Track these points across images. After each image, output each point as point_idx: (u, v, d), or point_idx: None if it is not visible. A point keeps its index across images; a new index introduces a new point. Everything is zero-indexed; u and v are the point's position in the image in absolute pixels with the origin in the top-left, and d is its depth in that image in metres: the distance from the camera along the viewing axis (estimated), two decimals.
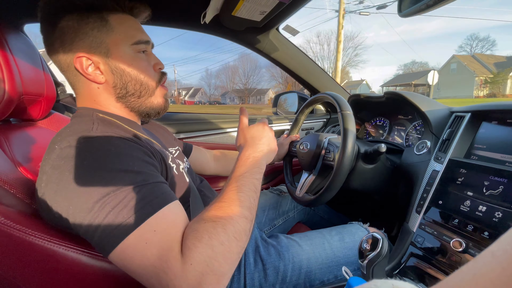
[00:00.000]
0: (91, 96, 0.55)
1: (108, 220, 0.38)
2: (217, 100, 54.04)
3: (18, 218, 0.41)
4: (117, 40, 0.53)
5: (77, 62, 0.51)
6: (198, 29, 1.10)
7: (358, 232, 0.74)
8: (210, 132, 1.26)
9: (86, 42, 0.51)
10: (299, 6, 0.93)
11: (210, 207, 0.46)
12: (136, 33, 0.56)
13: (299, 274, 0.63)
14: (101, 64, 0.52)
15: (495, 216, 0.53)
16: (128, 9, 0.56)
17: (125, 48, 0.54)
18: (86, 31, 0.50)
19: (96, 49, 0.51)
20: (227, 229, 0.42)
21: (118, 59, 0.53)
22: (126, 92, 0.56)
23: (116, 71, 0.54)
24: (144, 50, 0.58)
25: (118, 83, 0.55)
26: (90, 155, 0.42)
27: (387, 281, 0.19)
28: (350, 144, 0.64)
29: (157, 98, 0.60)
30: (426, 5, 0.46)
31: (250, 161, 0.57)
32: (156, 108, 0.61)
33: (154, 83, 0.59)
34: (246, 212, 0.46)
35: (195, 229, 0.41)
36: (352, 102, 1.13)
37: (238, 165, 0.56)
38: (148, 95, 0.58)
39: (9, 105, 0.55)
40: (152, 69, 0.58)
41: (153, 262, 0.37)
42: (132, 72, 0.55)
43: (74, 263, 0.43)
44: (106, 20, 0.52)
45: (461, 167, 0.64)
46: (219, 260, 0.39)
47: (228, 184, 0.51)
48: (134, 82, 0.55)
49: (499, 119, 0.67)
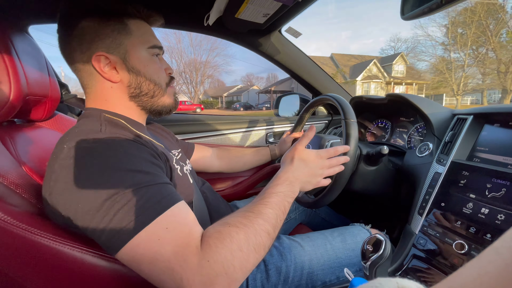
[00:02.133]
0: (103, 95, 0.57)
1: (117, 218, 0.39)
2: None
3: (23, 218, 0.42)
4: (135, 43, 0.57)
5: (95, 60, 0.53)
6: (201, 31, 1.11)
7: (360, 234, 0.74)
8: (210, 133, 1.26)
9: (106, 43, 0.54)
10: (302, 8, 0.94)
11: (238, 213, 0.47)
12: (152, 38, 0.60)
13: (301, 275, 0.63)
14: (118, 64, 0.55)
15: (497, 218, 0.53)
16: (146, 16, 0.60)
17: (142, 50, 0.58)
18: (107, 32, 0.54)
19: (115, 50, 0.55)
20: (249, 238, 0.43)
21: (135, 60, 0.57)
22: (140, 92, 0.59)
23: (133, 71, 0.57)
24: (158, 54, 0.62)
25: (133, 83, 0.58)
26: (99, 155, 0.43)
27: (391, 279, 0.19)
28: (352, 153, 0.65)
29: (169, 97, 0.64)
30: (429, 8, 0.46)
31: (288, 183, 0.56)
32: (168, 106, 0.64)
33: (164, 84, 0.63)
34: (270, 228, 0.46)
35: (218, 231, 0.42)
36: (354, 104, 1.13)
37: (276, 183, 0.55)
38: (161, 94, 0.62)
39: (14, 106, 0.55)
40: (163, 72, 0.63)
41: (167, 258, 0.38)
42: (147, 73, 0.58)
43: (79, 262, 0.43)
44: (126, 24, 0.56)
45: (463, 170, 0.64)
46: (235, 265, 0.39)
47: (261, 198, 0.52)
48: (149, 82, 0.59)
49: (502, 122, 0.67)
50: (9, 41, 0.56)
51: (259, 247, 0.43)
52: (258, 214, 0.47)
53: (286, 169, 0.59)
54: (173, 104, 0.66)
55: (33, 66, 0.62)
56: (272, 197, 0.51)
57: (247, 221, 0.45)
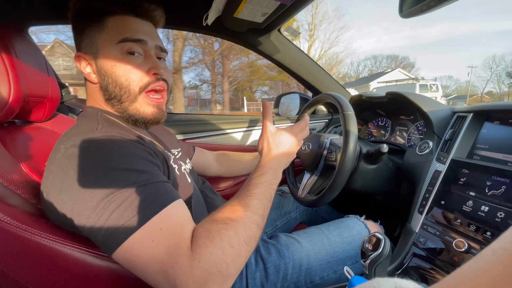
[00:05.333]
0: (92, 95, 0.58)
1: (112, 218, 0.39)
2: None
3: (23, 218, 0.42)
4: (105, 39, 0.52)
5: (77, 60, 0.55)
6: (200, 31, 1.11)
7: (356, 226, 0.74)
8: (211, 133, 1.26)
9: (84, 42, 0.54)
10: (301, 7, 0.94)
11: (224, 208, 0.47)
12: (124, 31, 0.52)
13: (300, 271, 0.63)
14: (93, 64, 0.54)
15: (497, 216, 0.53)
16: (131, 9, 0.55)
17: (111, 47, 0.52)
18: (85, 32, 0.54)
19: (89, 49, 0.54)
20: (239, 233, 0.42)
21: (103, 59, 0.52)
22: (109, 95, 0.54)
23: (101, 72, 0.54)
24: (134, 51, 0.53)
25: (103, 85, 0.55)
26: (94, 154, 0.43)
27: (389, 279, 0.19)
28: (352, 144, 0.64)
29: (143, 106, 0.56)
30: (427, 6, 0.46)
31: (271, 171, 0.57)
32: (146, 116, 0.56)
33: (137, 88, 0.54)
34: (259, 219, 0.47)
35: (207, 229, 0.42)
36: (354, 102, 1.13)
37: (260, 173, 0.56)
38: (130, 100, 0.54)
39: (14, 107, 0.56)
40: (140, 72, 0.54)
41: (160, 259, 0.38)
42: (113, 74, 0.52)
43: (79, 262, 0.43)
44: (101, 21, 0.53)
45: (463, 167, 0.64)
46: (228, 262, 0.39)
47: (246, 190, 0.52)
48: (114, 84, 0.53)
49: (501, 119, 0.67)
50: (8, 42, 0.56)
51: (250, 239, 0.43)
52: (246, 207, 0.47)
53: (267, 157, 0.60)
54: (151, 115, 0.57)
55: (33, 67, 0.62)
56: (258, 188, 0.52)
57: (236, 215, 0.45)
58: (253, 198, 0.49)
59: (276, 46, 1.22)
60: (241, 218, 0.44)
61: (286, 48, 1.25)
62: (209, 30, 1.08)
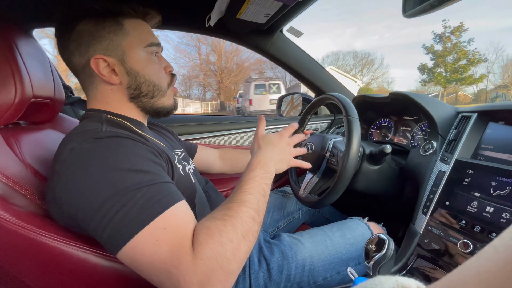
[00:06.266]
0: (103, 97, 0.57)
1: (117, 218, 0.39)
2: None
3: (28, 219, 0.42)
4: (132, 43, 0.56)
5: (93, 63, 0.53)
6: (203, 32, 1.11)
7: (358, 228, 0.74)
8: (213, 134, 1.27)
9: (103, 45, 0.54)
10: (303, 8, 0.94)
11: (221, 207, 0.48)
12: (148, 36, 0.59)
13: (303, 271, 0.63)
14: (117, 66, 0.55)
15: (502, 217, 0.52)
16: (142, 15, 0.60)
17: (139, 50, 0.57)
18: (103, 35, 0.54)
19: (112, 52, 0.54)
20: (236, 227, 0.43)
21: (133, 61, 0.56)
22: (139, 93, 0.59)
23: (131, 73, 0.56)
24: (156, 52, 0.60)
25: (133, 84, 0.57)
26: (99, 154, 0.43)
27: (391, 277, 0.19)
28: (355, 149, 0.64)
29: (168, 99, 0.64)
30: (430, 6, 0.46)
31: (260, 166, 0.59)
32: (167, 107, 0.64)
33: (166, 84, 0.62)
34: (254, 213, 0.48)
35: (206, 226, 0.43)
36: (357, 103, 1.12)
37: (249, 169, 0.58)
38: (161, 95, 0.61)
39: (19, 108, 0.56)
40: (163, 71, 0.62)
41: (164, 259, 0.38)
42: (146, 74, 0.58)
43: (83, 262, 0.44)
44: (121, 25, 0.55)
45: (468, 168, 0.63)
46: (228, 257, 0.40)
47: (238, 187, 0.53)
48: (148, 83, 0.58)
49: (506, 119, 0.66)
50: (13, 44, 0.57)
51: (247, 234, 0.44)
52: (240, 203, 0.48)
53: (256, 155, 0.63)
54: (172, 105, 0.65)
55: (38, 69, 0.62)
56: (249, 183, 0.53)
57: (232, 211, 0.46)
58: (246, 193, 0.51)
59: (278, 47, 1.22)
60: (237, 214, 0.46)
61: (289, 49, 1.25)
62: (212, 31, 1.09)
